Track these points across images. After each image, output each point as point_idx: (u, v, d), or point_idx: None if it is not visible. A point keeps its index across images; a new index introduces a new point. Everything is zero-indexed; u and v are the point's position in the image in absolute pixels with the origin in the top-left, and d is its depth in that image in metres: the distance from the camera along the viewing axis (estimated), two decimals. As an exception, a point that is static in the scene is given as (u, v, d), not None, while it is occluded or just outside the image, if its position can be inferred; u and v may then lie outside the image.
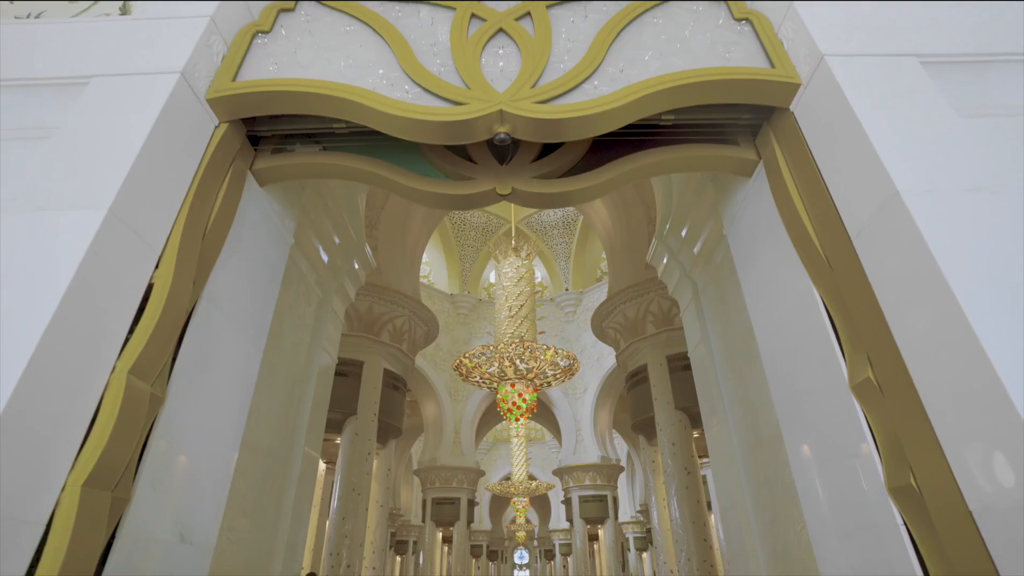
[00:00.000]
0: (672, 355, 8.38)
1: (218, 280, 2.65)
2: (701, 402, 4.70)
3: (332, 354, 4.91)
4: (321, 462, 8.84)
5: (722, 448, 4.29)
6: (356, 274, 5.26)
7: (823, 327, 2.40)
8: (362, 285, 5.47)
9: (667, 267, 5.19)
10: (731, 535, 4.16)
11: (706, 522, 7.59)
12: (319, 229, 4.34)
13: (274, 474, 3.89)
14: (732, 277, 4.09)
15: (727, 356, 4.27)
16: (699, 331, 4.70)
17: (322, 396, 4.69)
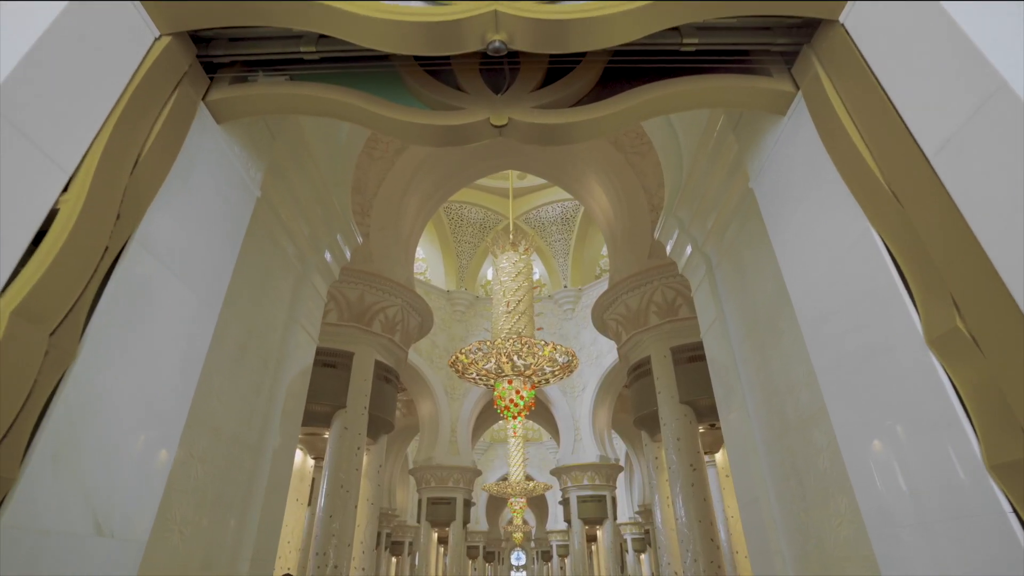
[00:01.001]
0: (677, 347, 7.93)
1: (157, 223, 2.18)
2: (716, 389, 4.24)
3: (312, 335, 4.45)
4: (309, 458, 8.35)
5: (741, 438, 3.83)
6: (340, 250, 4.80)
7: (886, 273, 1.94)
8: (347, 262, 5.00)
9: (677, 243, 4.74)
10: (752, 532, 3.70)
11: (713, 521, 7.11)
12: (296, 192, 3.88)
13: (242, 463, 3.41)
14: (753, 245, 3.65)
15: (747, 335, 3.81)
16: (713, 310, 4.24)
17: (300, 381, 4.22)
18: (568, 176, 10.55)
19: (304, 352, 4.28)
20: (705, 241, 4.40)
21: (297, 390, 4.17)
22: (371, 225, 8.99)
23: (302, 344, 4.24)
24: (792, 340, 3.19)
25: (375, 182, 9.44)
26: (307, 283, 4.35)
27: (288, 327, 4.09)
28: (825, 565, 2.89)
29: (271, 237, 3.74)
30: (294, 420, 4.10)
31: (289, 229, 3.96)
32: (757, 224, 3.56)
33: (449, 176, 10.45)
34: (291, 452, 4.02)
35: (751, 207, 3.59)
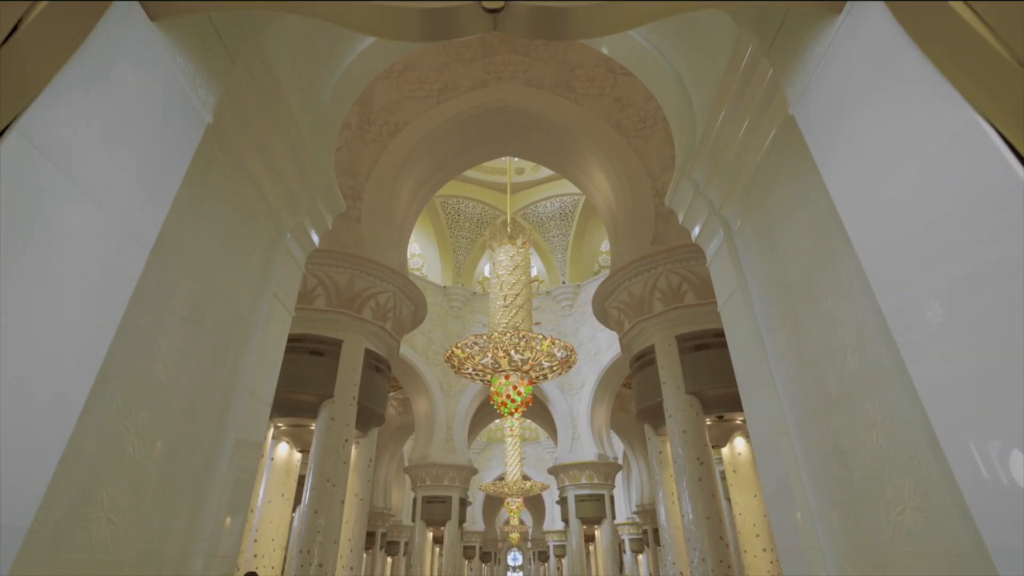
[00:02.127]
0: (682, 334, 7.43)
1: (55, 118, 1.69)
2: (738, 366, 3.75)
3: (288, 307, 3.94)
4: (295, 451, 7.83)
5: (768, 419, 3.33)
6: (321, 216, 4.29)
7: (1004, 170, 1.45)
8: (328, 230, 4.50)
9: (691, 209, 4.25)
10: (782, 526, 3.20)
11: (721, 518, 6.61)
12: (262, 137, 3.38)
13: (198, 443, 2.91)
14: (784, 198, 3.16)
15: (775, 302, 3.32)
16: (733, 279, 3.75)
17: (273, 356, 3.71)
18: (568, 162, 10.08)
19: (278, 325, 3.77)
20: (723, 203, 3.91)
21: (269, 366, 3.66)
22: (363, 209, 8.50)
23: (276, 316, 3.74)
24: (835, 299, 2.71)
25: (367, 165, 8.95)
26: (281, 248, 3.85)
27: (259, 294, 3.58)
28: (880, 562, 2.39)
29: (234, 186, 3.24)
30: (264, 399, 3.59)
31: (257, 181, 3.46)
32: (790, 170, 3.08)
33: (445, 161, 9.97)
34: (260, 434, 3.51)
35: (784, 150, 3.11)
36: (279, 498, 7.53)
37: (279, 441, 7.78)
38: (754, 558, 7.23)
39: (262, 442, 3.53)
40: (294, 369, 7.12)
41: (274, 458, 7.71)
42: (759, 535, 7.30)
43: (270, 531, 7.29)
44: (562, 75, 9.87)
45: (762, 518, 7.38)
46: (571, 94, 9.64)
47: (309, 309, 7.43)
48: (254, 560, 7.09)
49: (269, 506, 7.43)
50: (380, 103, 9.49)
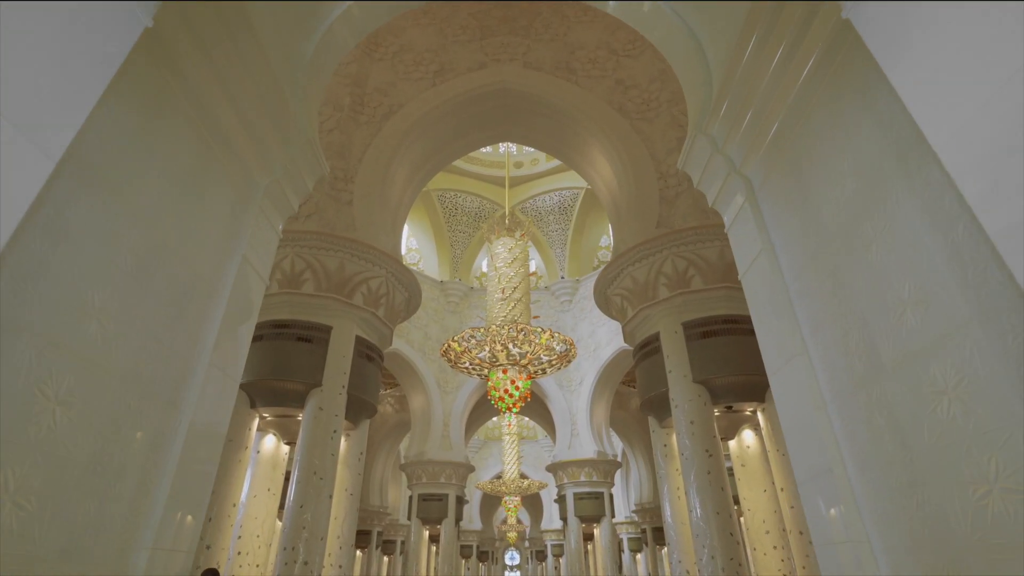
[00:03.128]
0: (689, 321, 7.01)
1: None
2: (763, 339, 3.32)
3: (262, 275, 3.50)
4: (283, 443, 7.38)
5: (800, 395, 2.91)
6: (300, 177, 3.86)
7: None
8: (309, 194, 4.06)
9: (708, 169, 3.82)
10: (820, 517, 2.77)
11: (731, 513, 6.18)
12: (226, 76, 2.95)
13: (143, 417, 2.47)
14: (823, 140, 2.74)
15: (808, 262, 2.89)
16: (757, 242, 3.32)
17: (242, 327, 3.27)
18: (568, 147, 9.66)
19: (250, 293, 3.34)
20: (745, 160, 3.49)
21: (238, 339, 3.22)
22: (355, 192, 8.08)
23: (247, 283, 3.30)
24: (887, 248, 2.29)
25: (360, 147, 8.53)
26: (253, 208, 3.42)
27: (227, 256, 3.15)
28: (954, 557, 1.97)
29: (194, 128, 2.81)
30: (232, 375, 3.15)
31: (221, 127, 3.03)
32: (831, 106, 2.67)
33: (441, 146, 9.55)
34: (225, 412, 3.07)
35: (823, 82, 2.70)
36: (265, 493, 7.08)
37: (265, 433, 7.33)
38: (764, 556, 6.80)
39: (228, 421, 3.09)
40: (280, 356, 6.69)
41: (260, 451, 7.26)
42: (769, 532, 6.88)
43: (255, 527, 6.84)
44: (562, 57, 9.46)
45: (772, 514, 6.95)
46: (572, 76, 9.23)
47: (297, 294, 7.00)
48: (237, 558, 6.64)
49: (254, 501, 6.97)
50: (374, 84, 9.07)
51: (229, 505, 6.34)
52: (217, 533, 6.15)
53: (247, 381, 6.62)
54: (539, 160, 17.55)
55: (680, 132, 8.44)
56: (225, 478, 6.36)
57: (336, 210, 7.81)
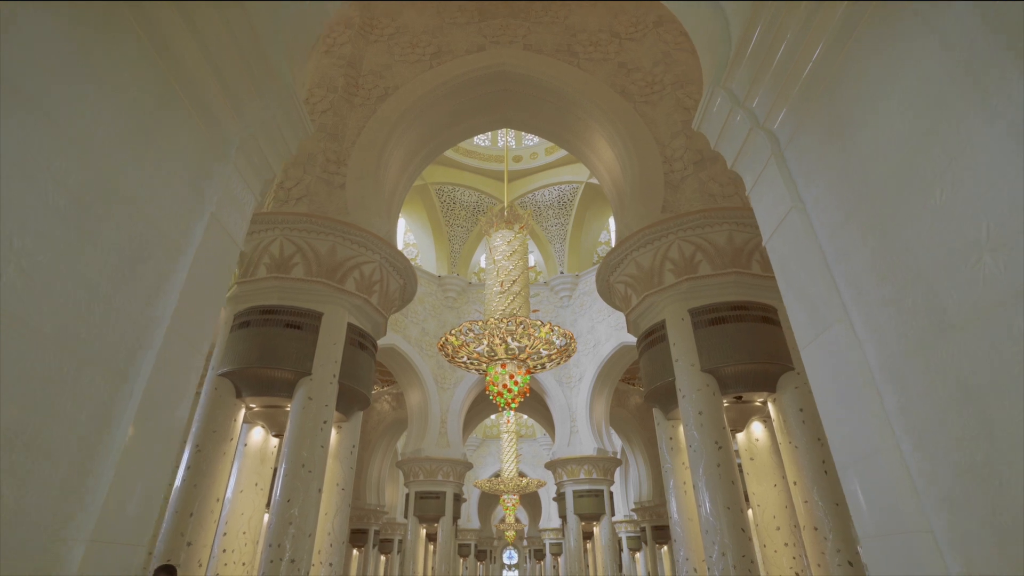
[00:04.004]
0: (696, 308, 6.64)
1: None
2: (794, 309, 2.94)
3: (235, 238, 3.11)
4: (271, 436, 6.98)
5: (841, 368, 2.53)
6: (278, 133, 3.47)
7: None
8: (291, 156, 3.68)
9: (728, 126, 3.45)
10: (865, 507, 2.39)
11: (743, 508, 5.80)
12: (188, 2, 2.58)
13: (83, 387, 2.08)
14: (869, 70, 2.37)
15: (850, 215, 2.52)
16: (786, 200, 2.95)
17: (209, 293, 2.88)
18: (569, 132, 9.30)
19: (220, 256, 2.95)
20: (770, 112, 3.13)
21: (205, 306, 2.84)
22: (348, 175, 7.70)
23: (217, 245, 2.92)
24: (953, 188, 1.93)
25: (354, 130, 8.16)
26: (226, 164, 3.04)
27: (192, 213, 2.77)
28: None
29: (147, 57, 2.43)
30: (198, 347, 2.76)
31: (185, 65, 2.65)
32: (882, 30, 2.30)
33: (437, 130, 9.18)
34: (186, 387, 2.68)
35: (870, 11, 2.33)
36: (252, 487, 6.69)
37: (253, 425, 6.94)
38: (774, 553, 6.43)
39: (189, 396, 2.70)
40: (268, 343, 6.31)
41: (247, 443, 6.87)
42: (779, 528, 6.51)
43: (241, 524, 6.45)
44: (563, 40, 9.10)
45: (783, 509, 6.59)
46: (573, 59, 8.88)
47: (286, 278, 6.62)
48: (222, 555, 6.25)
49: (241, 496, 6.58)
50: (369, 66, 8.70)
51: (212, 500, 5.95)
52: (199, 529, 5.76)
53: (232, 369, 6.25)
54: (538, 154, 17.20)
55: (685, 115, 8.09)
56: (208, 471, 5.98)
57: (328, 193, 7.43)
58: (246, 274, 6.71)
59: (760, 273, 6.71)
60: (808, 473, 5.91)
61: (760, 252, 6.80)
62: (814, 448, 5.96)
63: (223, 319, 6.78)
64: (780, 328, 6.52)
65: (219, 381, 6.31)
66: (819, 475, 5.85)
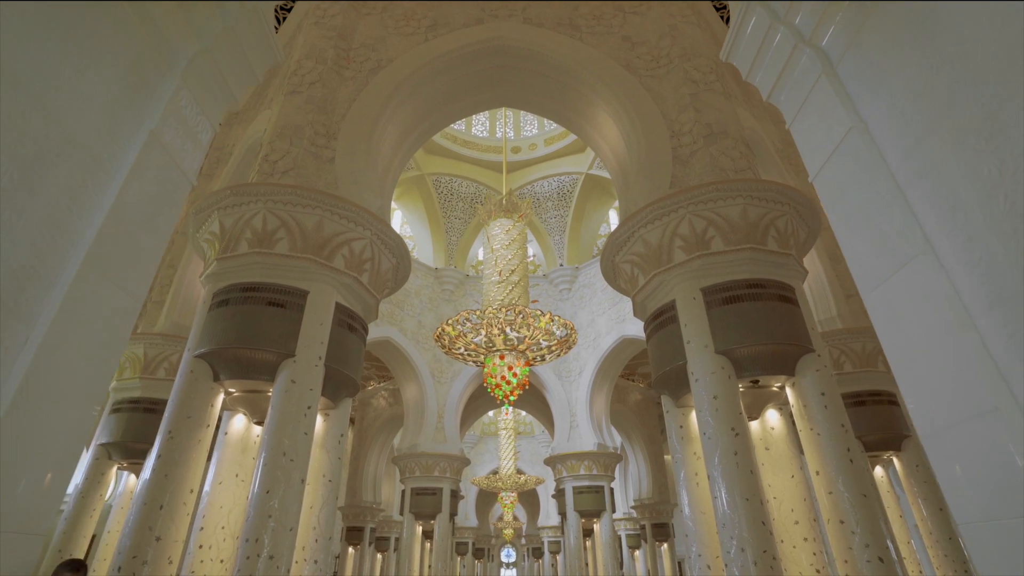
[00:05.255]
0: (709, 286, 6.11)
1: None
2: (852, 248, 2.41)
3: (183, 165, 2.57)
4: (253, 424, 6.43)
5: (922, 310, 2.00)
6: (240, 52, 2.93)
7: None
8: (258, 83, 3.15)
9: (765, 48, 2.92)
10: (963, 481, 1.86)
11: (763, 499, 5.26)
12: None
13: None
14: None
15: (933, 126, 2.00)
16: (843, 121, 2.42)
17: (144, 223, 2.34)
18: (572, 110, 8.78)
19: (160, 183, 2.41)
20: (817, 26, 2.61)
21: (142, 243, 2.30)
22: (338, 148, 7.17)
23: (157, 169, 2.38)
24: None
25: (345, 103, 7.63)
26: (170, 75, 2.51)
27: (121, 126, 2.23)
28: None
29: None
30: (131, 291, 2.22)
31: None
32: None
33: (433, 107, 8.65)
34: (109, 336, 2.14)
35: None
36: (232, 479, 6.14)
37: (234, 412, 6.39)
38: (793, 549, 5.89)
39: (117, 347, 2.16)
40: (248, 321, 5.77)
41: (228, 432, 6.32)
42: (798, 522, 5.98)
43: (220, 518, 5.90)
44: (564, 13, 8.59)
45: (801, 502, 6.06)
46: (575, 32, 8.36)
47: (269, 254, 6.08)
48: (198, 552, 5.69)
49: (220, 488, 6.03)
50: (361, 39, 8.17)
51: (185, 492, 5.40)
52: (170, 523, 5.20)
53: (209, 350, 5.70)
54: (537, 145, 16.69)
55: (694, 88, 7.58)
56: (181, 461, 5.42)
57: (317, 167, 6.90)
58: (226, 250, 6.16)
59: (777, 250, 6.20)
60: (832, 462, 5.39)
61: (776, 227, 6.29)
62: (838, 435, 5.43)
63: (201, 298, 6.24)
64: (798, 308, 6.01)
65: (195, 363, 5.76)
66: (844, 464, 5.33)
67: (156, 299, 9.55)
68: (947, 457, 1.92)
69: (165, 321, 9.12)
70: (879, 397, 8.81)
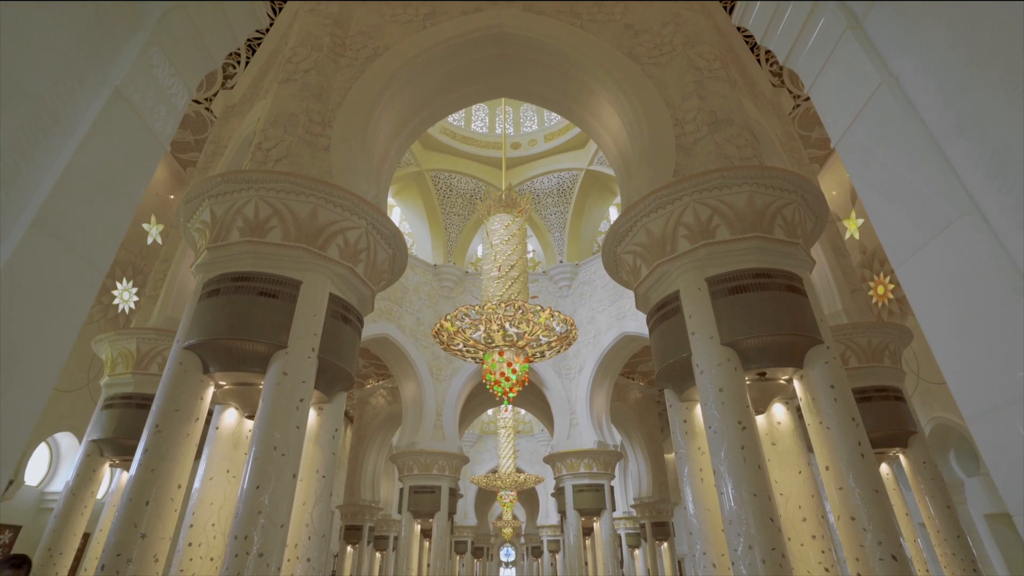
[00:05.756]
0: (714, 276, 5.90)
1: None
2: (883, 214, 2.20)
3: (152, 125, 2.35)
4: (245, 418, 6.21)
5: (968, 275, 1.79)
6: (220, 12, 2.72)
7: None
8: (240, 46, 2.93)
9: (783, 6, 2.71)
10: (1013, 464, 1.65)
11: (771, 495, 5.04)
12: None
13: None
14: None
15: (979, 76, 1.79)
16: (872, 77, 2.21)
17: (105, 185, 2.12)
18: (571, 99, 8.57)
19: (126, 144, 2.19)
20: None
21: (97, 199, 2.08)
22: (333, 136, 6.96)
23: (122, 127, 2.16)
24: None
25: (340, 91, 7.42)
26: (139, 30, 2.29)
27: (88, 85, 2.02)
28: None
29: None
30: (90, 259, 2.00)
31: None
32: None
33: (430, 97, 8.44)
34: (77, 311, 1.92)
35: None
36: (223, 475, 5.92)
37: (226, 406, 6.17)
38: (800, 547, 5.69)
39: (72, 321, 1.94)
40: (239, 312, 5.55)
41: (219, 426, 6.10)
42: (806, 519, 5.77)
43: (210, 515, 5.68)
44: (565, 2, 8.38)
45: (809, 499, 5.85)
46: (576, 20, 8.15)
47: (261, 243, 5.86)
48: (188, 550, 5.47)
49: (210, 484, 5.81)
50: (358, 27, 7.96)
51: (173, 487, 5.18)
52: (156, 520, 4.98)
53: (198, 341, 5.48)
54: (537, 141, 16.48)
55: (697, 75, 7.37)
56: (169, 455, 5.21)
57: (311, 155, 6.68)
58: (217, 239, 5.95)
59: (784, 239, 5.99)
60: (843, 456, 5.17)
61: (783, 216, 6.08)
62: (849, 428, 5.22)
63: (191, 290, 6.03)
64: (806, 298, 5.81)
65: (184, 355, 5.54)
66: (855, 458, 5.11)
67: (151, 294, 9.35)
68: (992, 440, 1.70)
69: (159, 316, 8.90)
70: (885, 393, 8.57)
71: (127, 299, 12.06)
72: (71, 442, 11.28)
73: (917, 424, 8.51)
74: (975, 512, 11.23)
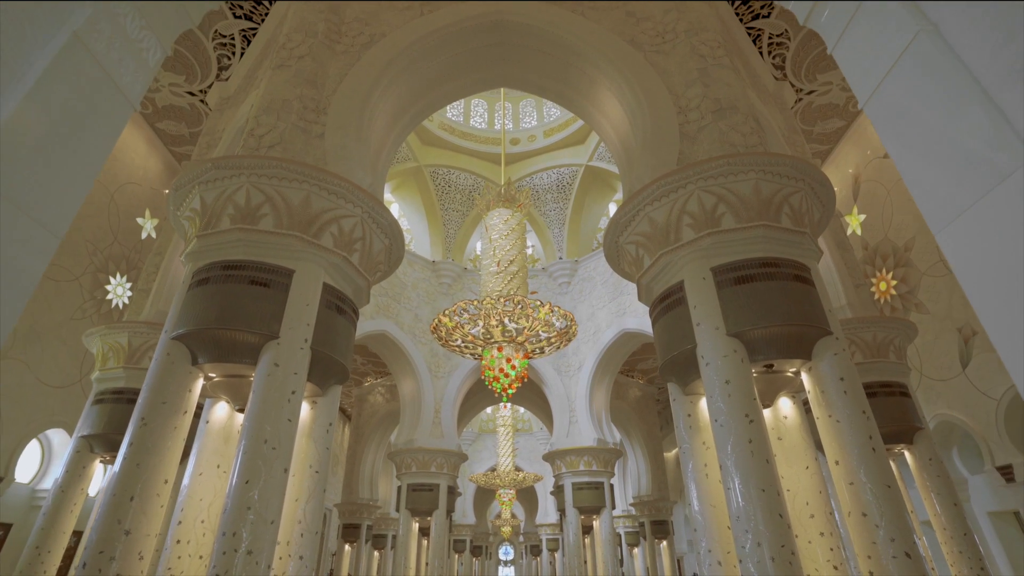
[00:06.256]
0: (720, 266, 5.69)
1: None
2: (922, 176, 1.99)
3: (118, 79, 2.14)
4: (236, 412, 5.99)
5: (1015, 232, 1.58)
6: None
7: None
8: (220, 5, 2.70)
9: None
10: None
11: (780, 491, 4.83)
12: None
13: None
14: None
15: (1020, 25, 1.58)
16: (907, 25, 2.00)
17: (58, 138, 1.90)
18: (572, 88, 8.36)
19: (84, 96, 1.97)
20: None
21: (50, 153, 1.86)
22: (328, 123, 6.74)
23: (79, 76, 1.95)
24: None
25: (336, 78, 7.21)
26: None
27: (40, 28, 1.79)
28: None
29: None
30: (39, 218, 1.79)
31: None
32: None
33: (429, 86, 8.22)
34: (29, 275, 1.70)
35: None
36: (213, 470, 5.70)
37: (216, 400, 5.96)
38: (808, 544, 5.48)
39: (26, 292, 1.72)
40: (229, 301, 5.34)
41: (209, 420, 5.88)
42: (814, 516, 5.57)
43: (199, 511, 5.46)
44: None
45: (817, 495, 5.65)
46: (577, 7, 7.95)
47: (252, 230, 5.65)
48: (176, 547, 5.25)
49: (200, 480, 5.59)
50: (354, 12, 7.75)
51: (159, 482, 4.96)
52: (141, 516, 4.76)
53: (187, 331, 5.27)
54: (536, 136, 16.27)
55: (701, 63, 7.16)
56: (155, 449, 4.98)
57: (305, 142, 6.47)
58: (207, 226, 5.73)
59: (791, 227, 5.78)
60: (853, 451, 4.96)
61: (790, 204, 5.87)
62: (859, 422, 5.01)
63: (181, 279, 5.80)
64: (814, 288, 5.60)
65: (172, 345, 5.32)
66: (866, 453, 4.90)
67: (143, 287, 9.12)
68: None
69: (151, 309, 8.68)
70: (890, 388, 8.38)
71: (120, 294, 11.84)
72: (63, 439, 11.03)
73: (923, 420, 8.31)
74: (978, 510, 11.04)
